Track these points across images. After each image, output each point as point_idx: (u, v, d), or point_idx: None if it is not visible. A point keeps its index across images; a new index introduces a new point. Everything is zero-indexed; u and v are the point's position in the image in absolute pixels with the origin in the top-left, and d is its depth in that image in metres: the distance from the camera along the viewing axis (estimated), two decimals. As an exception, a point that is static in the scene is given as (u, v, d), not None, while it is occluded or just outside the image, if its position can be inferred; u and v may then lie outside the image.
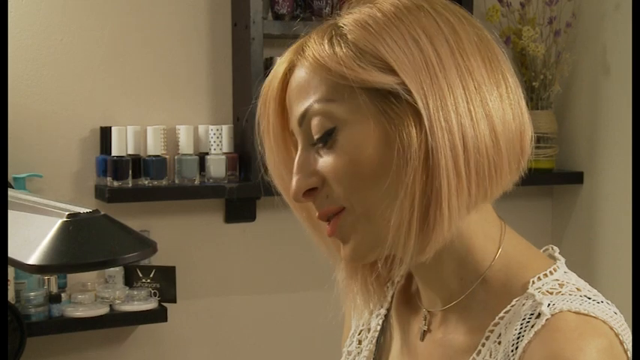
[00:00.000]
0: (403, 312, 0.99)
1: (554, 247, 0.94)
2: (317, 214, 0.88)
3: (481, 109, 0.82)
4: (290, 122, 0.89)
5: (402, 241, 0.83)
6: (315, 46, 0.85)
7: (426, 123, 0.80)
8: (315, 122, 0.85)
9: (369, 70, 0.81)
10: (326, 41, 0.84)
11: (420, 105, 0.80)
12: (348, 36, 0.84)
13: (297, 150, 0.89)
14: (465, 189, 0.82)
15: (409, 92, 0.81)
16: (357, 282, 0.95)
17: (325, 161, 0.85)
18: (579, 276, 0.90)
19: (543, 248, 0.94)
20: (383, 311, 1.02)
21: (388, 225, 0.83)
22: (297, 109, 0.87)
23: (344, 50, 0.83)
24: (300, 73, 0.86)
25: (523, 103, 0.87)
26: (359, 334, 1.05)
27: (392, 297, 1.02)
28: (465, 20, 0.87)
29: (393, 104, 0.81)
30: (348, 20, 0.86)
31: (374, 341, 1.02)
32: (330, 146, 0.85)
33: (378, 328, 1.02)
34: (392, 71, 0.81)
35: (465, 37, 0.85)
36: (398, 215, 0.82)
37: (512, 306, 0.85)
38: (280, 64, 0.89)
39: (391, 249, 0.85)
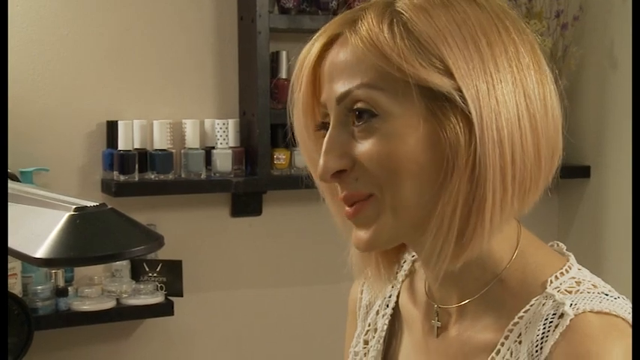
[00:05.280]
0: (411, 310, 0.98)
1: (560, 244, 0.93)
2: (341, 194, 0.85)
3: (529, 123, 0.81)
4: (323, 94, 0.86)
5: (438, 247, 0.81)
6: (374, 28, 0.81)
7: (477, 133, 0.78)
8: (357, 106, 0.82)
9: (429, 70, 0.79)
10: (385, 26, 0.81)
11: (474, 114, 0.78)
12: (409, 25, 0.80)
13: (324, 121, 0.87)
14: (508, 203, 0.81)
15: (464, 99, 0.79)
16: (370, 263, 0.94)
17: (363, 146, 0.82)
18: (586, 270, 0.90)
19: (549, 244, 0.93)
20: (389, 310, 1.01)
21: (412, 223, 0.83)
22: (339, 86, 0.83)
23: (406, 42, 0.79)
24: (350, 50, 0.83)
25: (560, 120, 0.86)
26: (365, 335, 1.04)
27: (397, 296, 1.01)
28: (521, 28, 0.85)
29: (445, 108, 0.79)
30: (406, 4, 0.82)
31: (382, 341, 1.01)
32: (369, 132, 0.82)
33: (385, 327, 1.01)
34: (450, 74, 0.79)
35: (522, 47, 0.83)
36: (437, 221, 0.81)
37: (532, 305, 0.84)
38: (323, 33, 0.86)
39: (427, 252, 0.84)
